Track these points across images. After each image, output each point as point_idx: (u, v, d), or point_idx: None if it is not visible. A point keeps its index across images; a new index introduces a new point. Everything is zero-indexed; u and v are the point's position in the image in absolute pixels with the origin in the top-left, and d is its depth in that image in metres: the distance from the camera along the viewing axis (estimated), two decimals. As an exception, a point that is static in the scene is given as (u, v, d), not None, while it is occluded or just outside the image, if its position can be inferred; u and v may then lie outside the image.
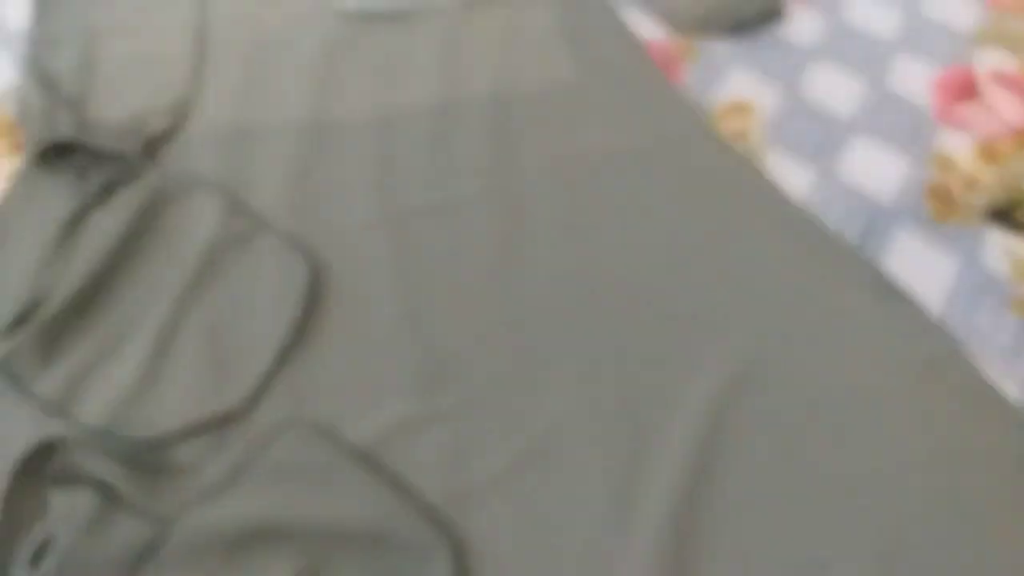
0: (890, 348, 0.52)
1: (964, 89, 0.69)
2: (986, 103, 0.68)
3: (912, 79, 0.70)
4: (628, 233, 0.58)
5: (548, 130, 0.64)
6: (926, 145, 0.65)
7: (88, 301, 0.53)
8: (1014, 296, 0.56)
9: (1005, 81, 0.70)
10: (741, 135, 0.65)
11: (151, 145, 0.61)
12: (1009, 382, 0.52)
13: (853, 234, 0.59)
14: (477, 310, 0.54)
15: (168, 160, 0.61)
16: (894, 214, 0.60)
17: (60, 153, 0.59)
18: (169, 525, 0.44)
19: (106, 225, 0.55)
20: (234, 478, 0.46)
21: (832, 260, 0.56)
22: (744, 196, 0.60)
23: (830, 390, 0.50)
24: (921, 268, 0.57)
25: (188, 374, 0.50)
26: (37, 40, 0.67)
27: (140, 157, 0.59)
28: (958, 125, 0.66)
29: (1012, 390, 0.51)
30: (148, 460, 0.47)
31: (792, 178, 0.62)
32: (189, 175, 0.59)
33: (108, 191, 0.58)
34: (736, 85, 0.69)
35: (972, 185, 0.62)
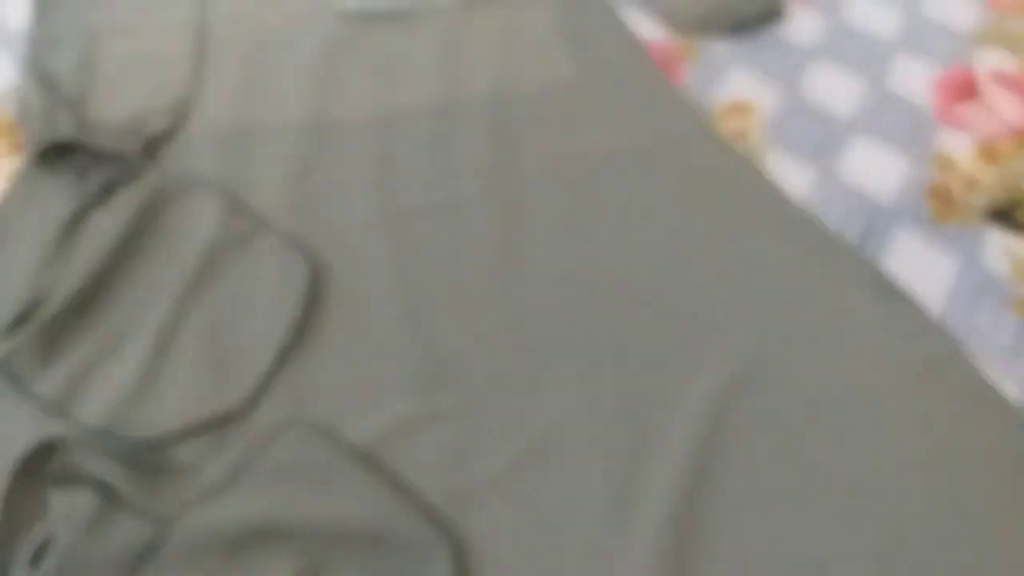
0: (890, 348, 0.52)
1: (964, 89, 0.69)
2: (986, 103, 0.68)
3: (912, 79, 0.70)
4: (628, 233, 0.58)
5: (548, 130, 0.64)
6: (926, 145, 0.65)
7: (88, 301, 0.53)
8: (1014, 296, 0.56)
9: (1005, 81, 0.70)
10: (741, 135, 0.65)
11: (151, 145, 0.61)
12: (1009, 382, 0.52)
13: (853, 234, 0.59)
14: (477, 310, 0.54)
15: (168, 160, 0.61)
16: (894, 214, 0.60)
17: (60, 153, 0.59)
18: (169, 525, 0.44)
19: (106, 225, 0.55)
20: (234, 478, 0.46)
21: (832, 260, 0.56)
22: (744, 196, 0.60)
23: (830, 390, 0.50)
24: (921, 268, 0.57)
25: (188, 374, 0.50)
26: (37, 40, 0.67)
27: (140, 157, 0.59)
28: (958, 125, 0.66)
29: (1012, 390, 0.51)
30: (148, 460, 0.47)
31: (792, 178, 0.62)
32: (189, 175, 0.59)
33: (108, 191, 0.58)
34: (736, 85, 0.69)
35: (972, 185, 0.62)
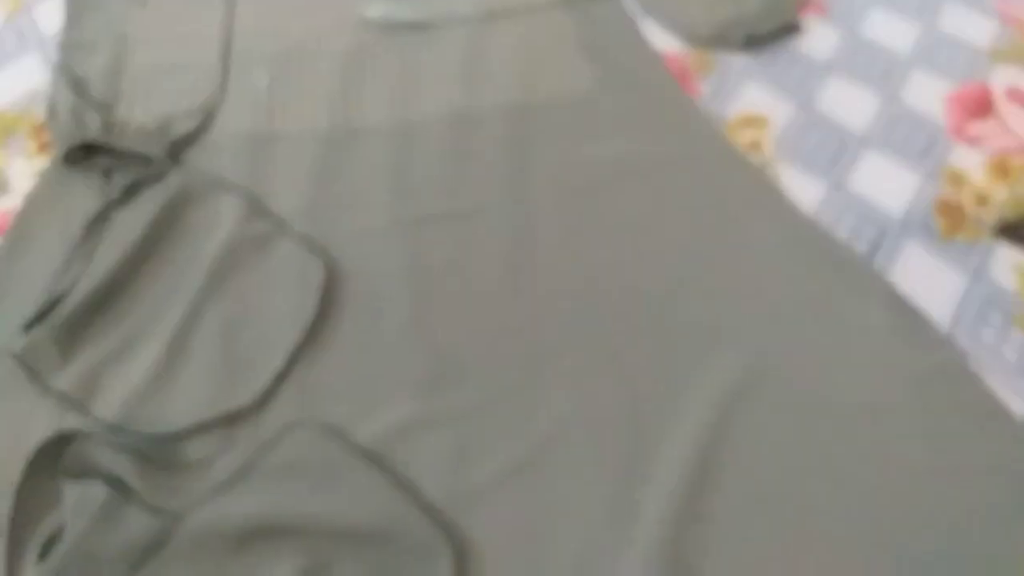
0: (896, 360, 0.52)
1: (979, 105, 0.69)
2: (1001, 120, 0.68)
3: (927, 94, 0.70)
4: (639, 242, 0.58)
5: (564, 140, 0.64)
6: (939, 160, 0.65)
7: (108, 298, 0.54)
8: (1021, 312, 0.56)
9: (1021, 98, 0.70)
10: (755, 147, 0.66)
11: (175, 148, 0.62)
12: (1014, 397, 0.52)
13: (862, 247, 0.59)
14: (485, 316, 0.54)
15: (192, 163, 0.62)
16: (904, 228, 0.61)
17: (87, 154, 0.61)
18: (178, 520, 0.44)
19: (129, 224, 0.57)
20: (242, 475, 0.47)
21: (840, 272, 0.57)
22: (755, 207, 0.60)
23: (834, 400, 0.51)
24: (929, 282, 0.57)
25: (202, 372, 0.51)
26: (68, 44, 0.69)
27: (164, 159, 0.60)
28: (972, 141, 0.66)
29: (1017, 405, 0.51)
30: (160, 455, 0.48)
31: (804, 190, 0.63)
32: (211, 178, 0.60)
33: (132, 192, 0.59)
34: (750, 98, 0.69)
35: (983, 201, 0.62)
